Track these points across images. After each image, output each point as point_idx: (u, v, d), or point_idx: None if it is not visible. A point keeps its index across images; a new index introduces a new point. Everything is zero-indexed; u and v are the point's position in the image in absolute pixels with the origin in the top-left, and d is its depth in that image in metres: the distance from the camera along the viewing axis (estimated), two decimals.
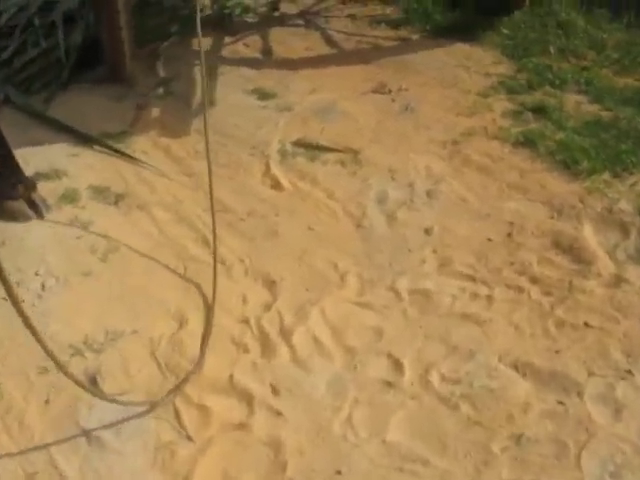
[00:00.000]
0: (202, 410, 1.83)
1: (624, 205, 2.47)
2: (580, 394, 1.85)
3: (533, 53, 3.44)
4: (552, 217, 2.45)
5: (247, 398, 1.86)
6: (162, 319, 2.08)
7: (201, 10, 3.43)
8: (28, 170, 2.60)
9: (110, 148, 2.83)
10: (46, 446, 1.72)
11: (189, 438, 1.76)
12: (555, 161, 2.70)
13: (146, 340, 2.01)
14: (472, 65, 3.38)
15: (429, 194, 2.58)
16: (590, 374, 1.91)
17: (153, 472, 1.68)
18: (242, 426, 1.79)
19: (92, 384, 1.86)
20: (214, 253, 2.21)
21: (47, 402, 1.83)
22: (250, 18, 3.99)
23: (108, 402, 1.72)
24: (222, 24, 3.84)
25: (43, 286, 2.16)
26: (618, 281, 2.19)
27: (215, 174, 2.58)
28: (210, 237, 2.36)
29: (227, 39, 3.77)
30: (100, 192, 2.60)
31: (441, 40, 3.59)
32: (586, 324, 2.06)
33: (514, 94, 3.15)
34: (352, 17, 3.89)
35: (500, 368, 1.94)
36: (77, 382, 1.55)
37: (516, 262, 2.28)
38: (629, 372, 1.91)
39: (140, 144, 2.89)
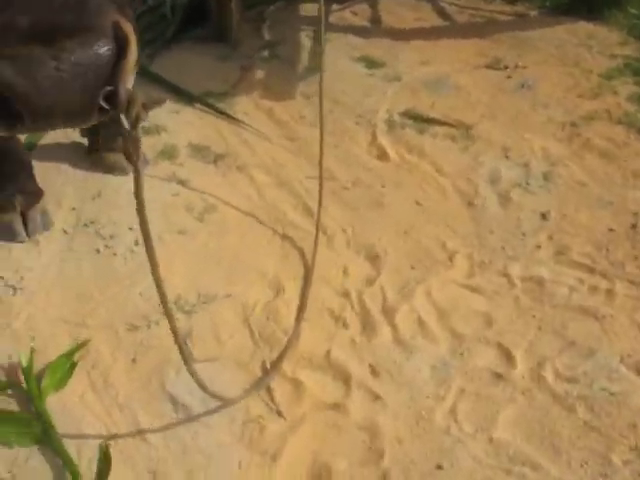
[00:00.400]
0: (295, 385, 1.68)
1: None
2: None
3: None
4: None
5: (344, 377, 1.70)
6: (257, 285, 1.94)
7: None
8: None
9: (212, 107, 2.70)
10: (131, 407, 1.61)
11: (279, 414, 1.62)
12: None
13: (239, 306, 1.87)
14: (595, 45, 3.10)
15: (546, 176, 2.35)
16: None
17: (239, 447, 1.55)
18: (337, 406, 1.64)
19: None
20: (317, 221, 2.05)
21: (134, 361, 1.71)
22: None
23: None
24: None
25: (137, 242, 2.05)
26: None
27: (316, 140, 2.42)
28: (311, 204, 2.21)
29: (335, 6, 3.58)
30: (199, 150, 2.48)
31: (561, 18, 3.31)
32: None
33: None
34: None
35: (622, 370, 1.72)
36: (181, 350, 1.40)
37: None
38: None
39: (242, 105, 2.75)
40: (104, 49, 0.86)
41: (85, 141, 2.41)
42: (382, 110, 2.71)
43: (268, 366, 1.71)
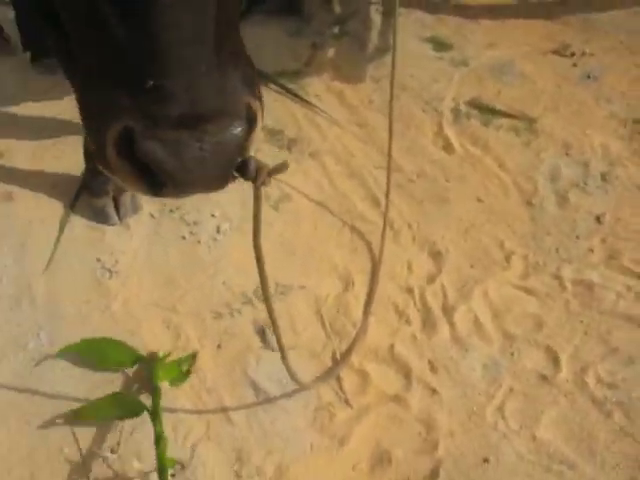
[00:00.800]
0: (362, 376, 1.91)
1: None
2: None
3: None
4: None
5: (405, 371, 1.92)
6: (329, 277, 2.15)
7: None
8: None
9: (286, 89, 2.87)
10: (217, 391, 1.86)
11: (347, 402, 1.85)
12: None
13: (312, 298, 2.09)
14: None
15: (604, 177, 2.48)
16: None
17: (312, 431, 1.79)
18: (398, 398, 1.87)
19: (261, 335, 1.97)
20: (385, 215, 2.24)
21: (219, 347, 1.96)
22: None
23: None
24: None
25: (218, 229, 2.27)
26: None
27: (386, 128, 2.58)
28: (379, 195, 2.39)
29: None
30: (273, 134, 2.66)
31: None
32: None
33: None
34: None
35: None
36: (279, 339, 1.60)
37: None
38: None
39: (314, 87, 2.91)
40: (238, 130, 1.03)
41: None
42: (448, 98, 2.84)
43: (338, 357, 1.94)
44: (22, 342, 1.98)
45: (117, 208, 2.33)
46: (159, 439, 1.64)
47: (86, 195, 2.37)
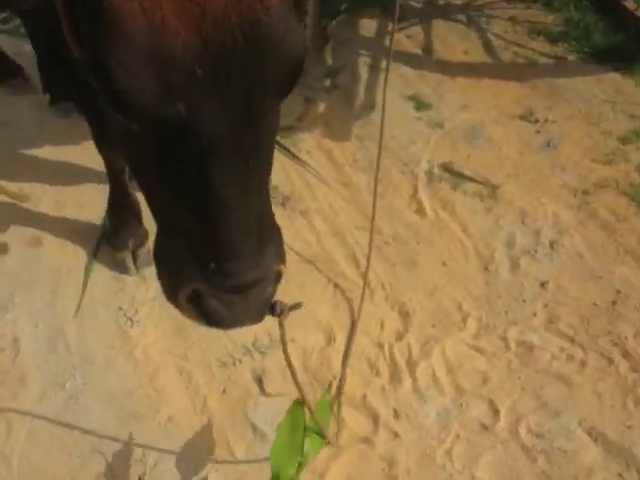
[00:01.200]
0: (339, 421, 2.43)
1: None
2: (639, 471, 2.34)
3: None
4: None
5: (374, 417, 2.44)
6: (315, 331, 2.65)
7: None
8: None
9: (281, 146, 3.34)
10: (222, 430, 2.37)
11: (328, 443, 2.36)
12: None
13: (300, 350, 2.60)
14: (620, 102, 3.64)
15: (552, 245, 2.99)
16: None
17: None
18: (367, 440, 2.38)
19: (259, 382, 2.48)
20: (365, 277, 2.73)
21: (224, 392, 2.46)
22: (414, 2, 4.30)
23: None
24: (386, 5, 4.17)
25: None
26: None
27: (368, 189, 3.09)
28: (359, 256, 2.89)
29: (390, 25, 4.12)
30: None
31: (595, 66, 3.84)
32: None
33: None
34: (513, 20, 4.14)
35: (577, 432, 2.43)
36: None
37: (613, 332, 2.71)
38: None
39: (306, 143, 3.39)
40: (270, 290, 1.46)
41: None
42: (424, 160, 3.33)
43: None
44: (60, 381, 2.47)
45: (135, 260, 2.81)
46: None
47: (107, 248, 2.84)
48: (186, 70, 1.10)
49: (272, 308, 1.60)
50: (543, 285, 2.85)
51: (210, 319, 1.41)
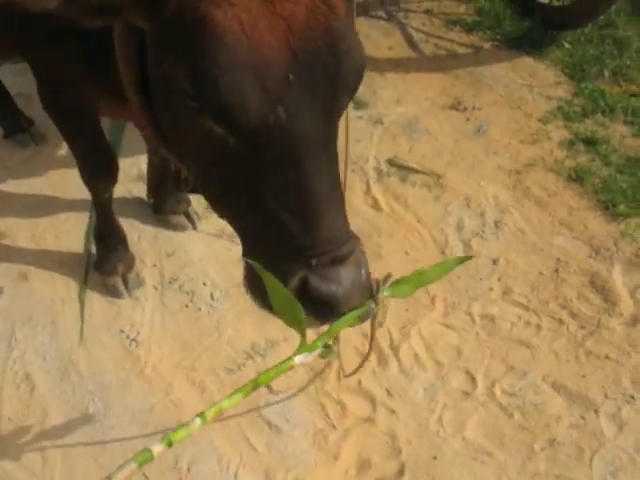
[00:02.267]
0: (341, 405, 2.88)
1: None
2: (597, 412, 2.89)
3: (589, 75, 4.25)
4: (591, 257, 3.43)
5: (371, 398, 2.91)
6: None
7: None
8: None
9: None
10: (241, 428, 2.80)
11: (334, 426, 2.82)
12: (598, 201, 3.63)
13: (295, 348, 3.03)
14: (535, 84, 4.21)
15: (497, 224, 3.53)
16: (605, 397, 2.95)
17: (314, 451, 2.76)
18: (369, 420, 2.86)
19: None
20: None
21: None
22: None
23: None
24: None
25: (212, 296, 3.16)
26: (634, 321, 3.20)
27: None
28: None
29: None
30: None
31: (510, 52, 4.39)
32: (607, 356, 3.08)
33: (570, 121, 4.02)
34: (429, 13, 4.65)
35: (543, 386, 2.98)
36: None
37: (560, 297, 3.28)
38: (632, 397, 2.96)
39: None
40: (365, 259, 1.69)
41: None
42: (371, 157, 3.80)
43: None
44: (81, 407, 2.83)
45: (126, 284, 3.16)
46: None
47: (97, 274, 3.19)
48: (281, 77, 1.33)
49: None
50: (494, 262, 3.39)
51: (323, 302, 1.51)
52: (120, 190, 3.52)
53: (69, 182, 3.47)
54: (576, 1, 4.29)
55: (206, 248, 3.35)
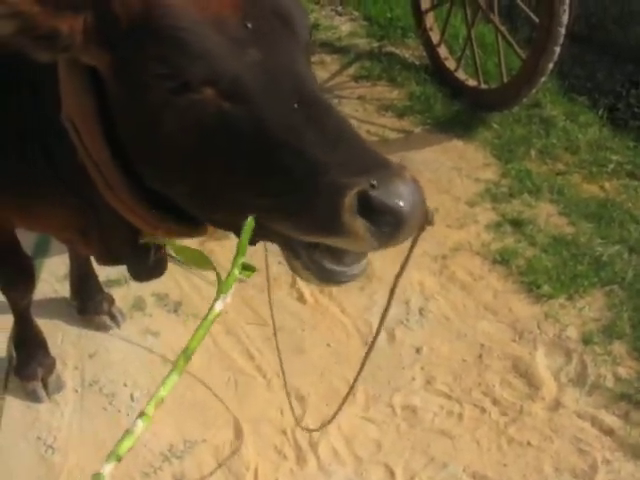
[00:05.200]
0: None
1: (571, 331, 3.51)
2: None
3: (517, 155, 4.39)
4: (514, 340, 3.49)
5: None
6: (223, 429, 3.12)
7: None
8: (101, 277, 3.59)
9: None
10: None
11: None
12: (523, 282, 3.72)
13: (212, 448, 3.06)
14: (464, 167, 4.34)
15: (421, 312, 3.60)
16: None
17: None
18: None
19: None
20: (285, 385, 3.23)
21: None
22: None
23: None
24: None
25: (132, 397, 3.20)
26: (557, 405, 3.24)
27: (251, 283, 3.62)
28: (252, 350, 3.40)
29: None
30: (161, 299, 3.61)
31: (440, 135, 4.54)
32: (529, 443, 3.12)
33: (497, 203, 4.13)
34: (362, 99, 4.81)
35: (464, 478, 3.00)
36: None
37: (483, 383, 3.33)
38: None
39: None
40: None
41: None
42: None
43: None
44: None
45: (45, 387, 3.20)
46: None
47: (17, 379, 3.23)
48: (240, 27, 1.42)
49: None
50: (418, 350, 3.45)
51: (390, 213, 1.35)
52: (46, 289, 3.61)
53: None
54: (501, 84, 4.45)
55: (129, 347, 3.40)
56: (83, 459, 3.00)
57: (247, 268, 1.61)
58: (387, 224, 1.36)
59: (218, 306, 1.54)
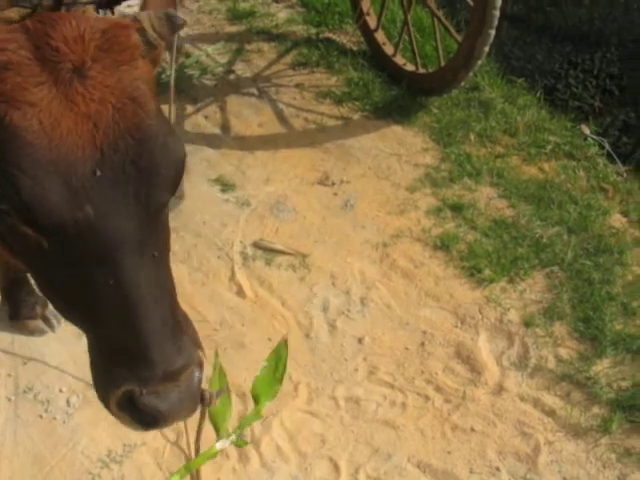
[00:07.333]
0: None
1: (512, 315, 3.53)
2: None
3: (456, 139, 4.38)
4: (456, 326, 3.50)
5: None
6: (162, 430, 3.08)
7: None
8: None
9: None
10: None
11: None
12: (464, 267, 3.73)
13: (153, 450, 3.02)
14: (404, 153, 4.33)
15: (362, 301, 3.59)
16: (471, 472, 3.00)
17: None
18: None
19: None
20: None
21: None
22: (208, 80, 4.84)
23: None
24: (183, 87, 4.66)
25: (68, 402, 3.14)
26: (499, 389, 3.26)
27: (190, 279, 3.57)
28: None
29: (188, 108, 4.62)
30: None
31: (378, 122, 4.51)
32: (472, 429, 3.14)
33: (437, 187, 4.13)
34: (300, 87, 4.76)
35: (408, 468, 3.02)
36: None
37: (426, 371, 3.34)
38: (498, 469, 3.02)
39: None
40: (199, 375, 1.60)
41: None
42: (237, 241, 3.85)
43: None
44: None
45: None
46: None
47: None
48: (87, 174, 1.37)
49: (202, 397, 1.68)
50: (360, 340, 3.44)
51: (147, 416, 1.53)
52: None
53: None
54: (439, 68, 4.44)
55: (65, 351, 3.33)
56: (18, 471, 2.94)
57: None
58: (147, 418, 1.56)
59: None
